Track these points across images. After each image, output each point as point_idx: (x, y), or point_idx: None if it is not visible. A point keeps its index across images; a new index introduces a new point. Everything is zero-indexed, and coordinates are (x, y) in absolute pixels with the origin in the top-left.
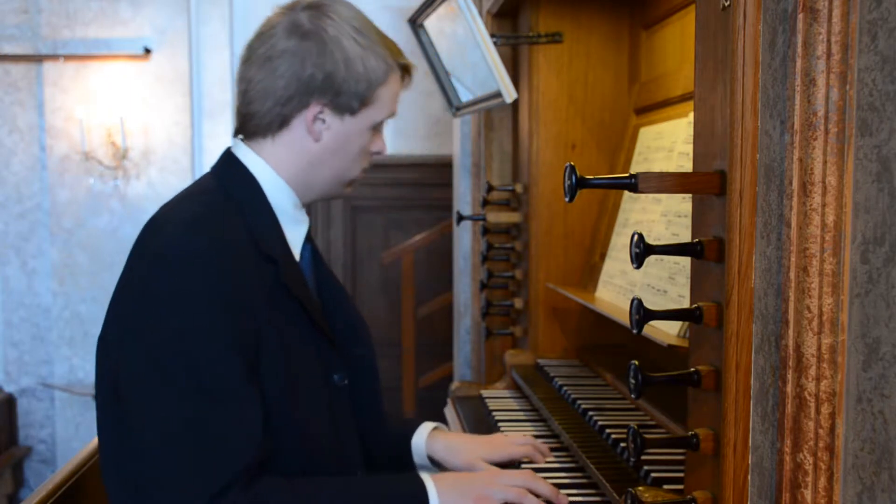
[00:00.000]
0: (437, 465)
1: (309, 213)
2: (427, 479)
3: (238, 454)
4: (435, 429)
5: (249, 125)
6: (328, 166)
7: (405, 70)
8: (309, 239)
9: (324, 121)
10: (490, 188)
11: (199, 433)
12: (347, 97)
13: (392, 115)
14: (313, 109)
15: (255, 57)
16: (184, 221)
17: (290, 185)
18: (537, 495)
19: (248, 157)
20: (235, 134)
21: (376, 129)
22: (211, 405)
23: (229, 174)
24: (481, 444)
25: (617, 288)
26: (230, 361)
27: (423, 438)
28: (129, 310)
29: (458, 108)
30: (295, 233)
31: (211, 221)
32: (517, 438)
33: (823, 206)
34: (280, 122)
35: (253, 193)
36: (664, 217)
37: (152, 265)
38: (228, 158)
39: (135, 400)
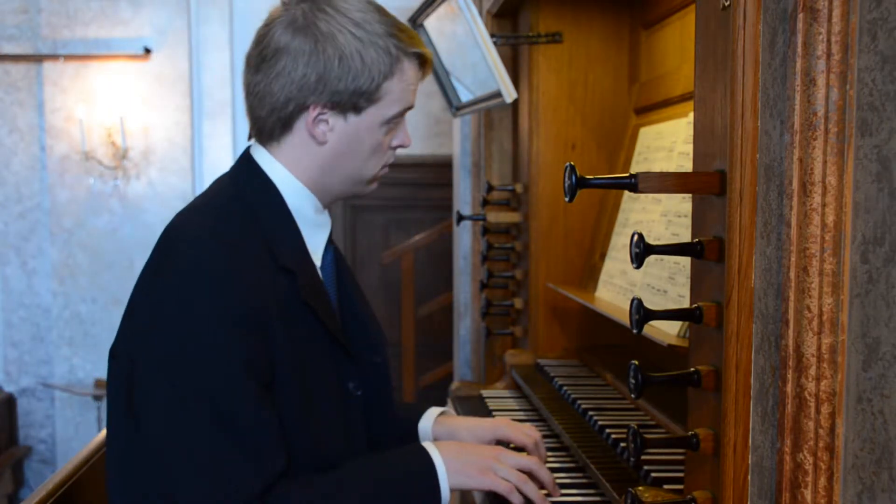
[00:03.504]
0: None
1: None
2: (431, 447)
3: (255, 477)
4: (441, 413)
5: (257, 129)
6: (340, 168)
7: (420, 59)
8: (330, 241)
9: (326, 122)
10: (490, 188)
11: (217, 458)
12: (347, 96)
13: (408, 107)
14: (312, 112)
15: (254, 58)
16: (197, 238)
17: (307, 187)
18: (539, 483)
19: (265, 159)
20: (249, 137)
21: (394, 123)
22: (228, 430)
23: (246, 179)
24: (481, 428)
25: (617, 288)
26: (246, 385)
27: (430, 425)
28: (143, 330)
29: (458, 108)
30: (316, 239)
31: (225, 236)
32: (527, 429)
33: (823, 206)
34: (282, 127)
35: (271, 200)
36: (664, 217)
37: (165, 287)
38: (246, 162)
39: (151, 422)
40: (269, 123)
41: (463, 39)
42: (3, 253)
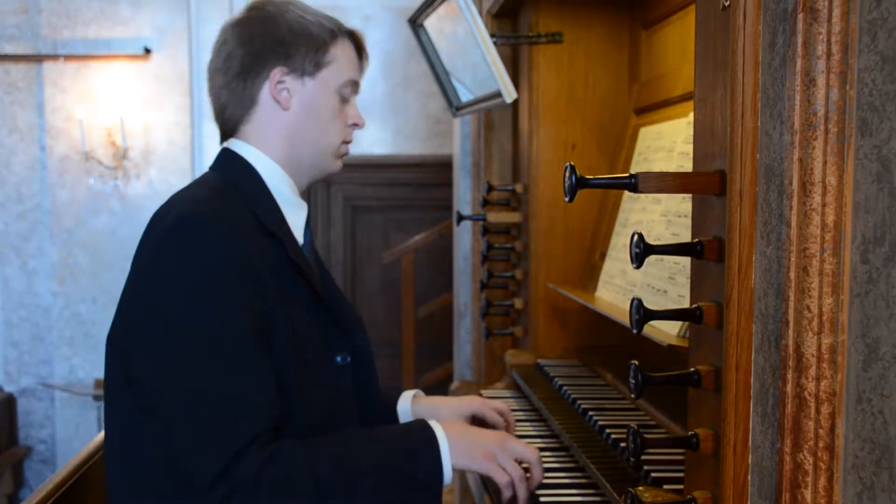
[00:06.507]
0: None
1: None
2: (437, 426)
3: (254, 418)
4: (414, 395)
5: (226, 119)
6: (305, 136)
7: (354, 39)
8: (308, 227)
9: (287, 89)
10: (490, 188)
11: (216, 400)
12: (301, 58)
13: (354, 81)
14: (273, 78)
15: (214, 56)
16: (192, 201)
17: (281, 166)
18: (531, 477)
19: (242, 148)
20: (222, 139)
21: (345, 98)
22: (227, 372)
23: (228, 166)
24: (457, 404)
25: (617, 288)
26: (243, 328)
27: (408, 405)
28: (141, 287)
29: (458, 108)
30: (295, 218)
31: (217, 200)
32: (494, 404)
33: (823, 206)
34: (249, 100)
35: (253, 181)
36: (664, 217)
37: (162, 242)
38: (225, 153)
39: (151, 372)
40: (236, 98)
41: (463, 39)
42: (3, 253)
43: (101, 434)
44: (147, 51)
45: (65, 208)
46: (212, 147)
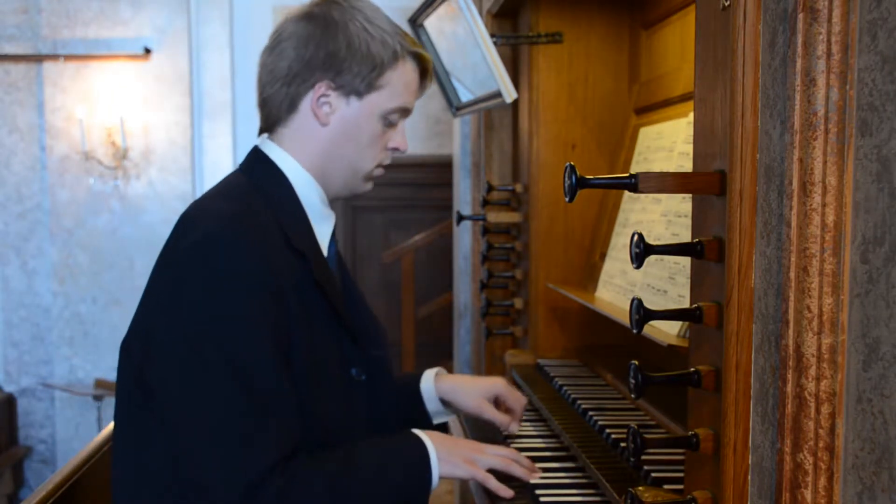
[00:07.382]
0: (446, 405)
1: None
2: (426, 439)
3: (276, 443)
4: (437, 373)
5: (265, 114)
6: (340, 155)
7: (419, 60)
8: (333, 237)
9: (329, 104)
10: (490, 188)
11: (238, 424)
12: (351, 77)
13: (405, 108)
14: (318, 90)
15: (268, 43)
16: (219, 215)
17: (312, 176)
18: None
19: (274, 151)
20: (260, 133)
21: (391, 122)
22: (250, 395)
23: (258, 170)
24: (481, 384)
25: (617, 288)
26: (268, 350)
27: (431, 383)
28: (164, 300)
29: (458, 108)
30: (322, 229)
31: (245, 215)
32: (517, 393)
33: (823, 206)
34: (289, 105)
35: (282, 188)
36: (664, 217)
37: (189, 256)
38: (256, 155)
39: (171, 390)
40: (277, 101)
41: (463, 39)
42: (3, 253)
43: (101, 434)
44: (147, 51)
45: (65, 208)
46: (212, 147)
